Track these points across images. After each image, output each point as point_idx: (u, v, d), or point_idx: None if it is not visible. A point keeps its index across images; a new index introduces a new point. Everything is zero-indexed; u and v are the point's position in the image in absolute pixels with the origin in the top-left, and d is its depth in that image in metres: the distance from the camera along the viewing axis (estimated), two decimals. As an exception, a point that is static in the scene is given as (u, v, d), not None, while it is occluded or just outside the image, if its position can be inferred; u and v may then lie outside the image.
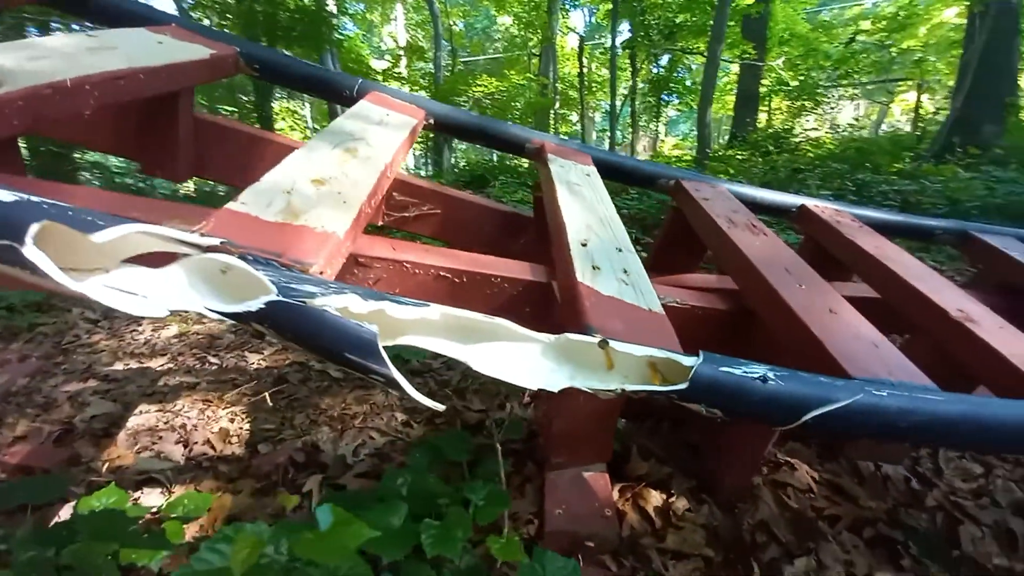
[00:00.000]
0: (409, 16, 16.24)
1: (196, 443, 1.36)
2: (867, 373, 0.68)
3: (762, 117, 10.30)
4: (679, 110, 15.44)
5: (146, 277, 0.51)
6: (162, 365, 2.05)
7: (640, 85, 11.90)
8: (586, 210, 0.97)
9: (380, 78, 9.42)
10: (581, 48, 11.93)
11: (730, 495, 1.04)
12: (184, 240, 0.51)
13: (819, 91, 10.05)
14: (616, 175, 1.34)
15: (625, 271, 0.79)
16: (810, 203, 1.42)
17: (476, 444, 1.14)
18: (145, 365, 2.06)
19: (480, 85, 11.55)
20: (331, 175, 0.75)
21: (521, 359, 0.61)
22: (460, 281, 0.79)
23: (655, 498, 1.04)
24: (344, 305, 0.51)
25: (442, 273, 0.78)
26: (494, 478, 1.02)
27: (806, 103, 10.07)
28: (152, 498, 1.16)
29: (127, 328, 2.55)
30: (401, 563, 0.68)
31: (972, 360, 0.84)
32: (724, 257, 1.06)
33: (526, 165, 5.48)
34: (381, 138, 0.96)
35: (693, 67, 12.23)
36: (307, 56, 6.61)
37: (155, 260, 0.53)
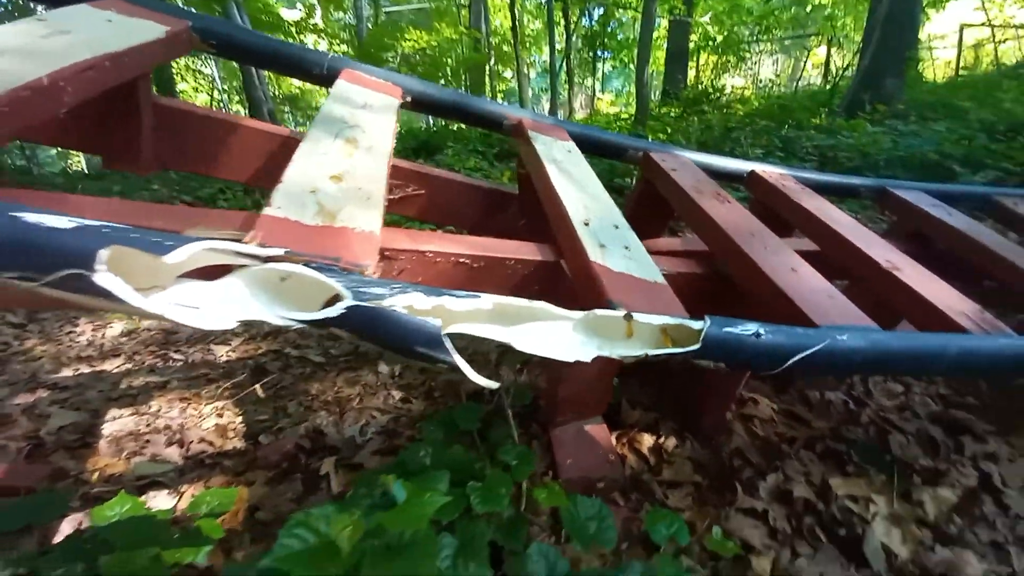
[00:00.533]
0: (326, -39, 14.71)
1: (191, 442, 1.34)
2: (828, 321, 0.82)
3: (691, 74, 10.63)
4: (613, 65, 15.49)
5: (205, 290, 0.52)
6: (118, 367, 1.92)
7: (575, 40, 11.76)
8: (579, 189, 1.03)
9: (294, 30, 8.59)
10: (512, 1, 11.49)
11: (709, 431, 1.21)
12: (251, 254, 0.52)
13: (743, 46, 10.49)
14: (589, 147, 1.40)
15: (626, 247, 0.88)
16: (758, 168, 1.57)
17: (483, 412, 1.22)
18: (98, 368, 1.93)
19: (408, 39, 10.83)
20: (344, 170, 0.76)
21: (556, 336, 0.68)
22: (477, 266, 0.84)
23: (647, 440, 1.18)
24: (410, 303, 0.55)
25: (461, 260, 0.82)
26: (507, 441, 1.11)
27: (731, 58, 10.51)
28: (160, 500, 1.14)
29: (60, 330, 2.34)
30: (456, 522, 0.75)
31: (900, 301, 1.02)
32: (697, 225, 1.17)
33: (477, 133, 5.37)
34: (373, 124, 0.96)
35: (624, 20, 12.24)
36: (207, 8, 5.88)
37: (207, 272, 0.54)
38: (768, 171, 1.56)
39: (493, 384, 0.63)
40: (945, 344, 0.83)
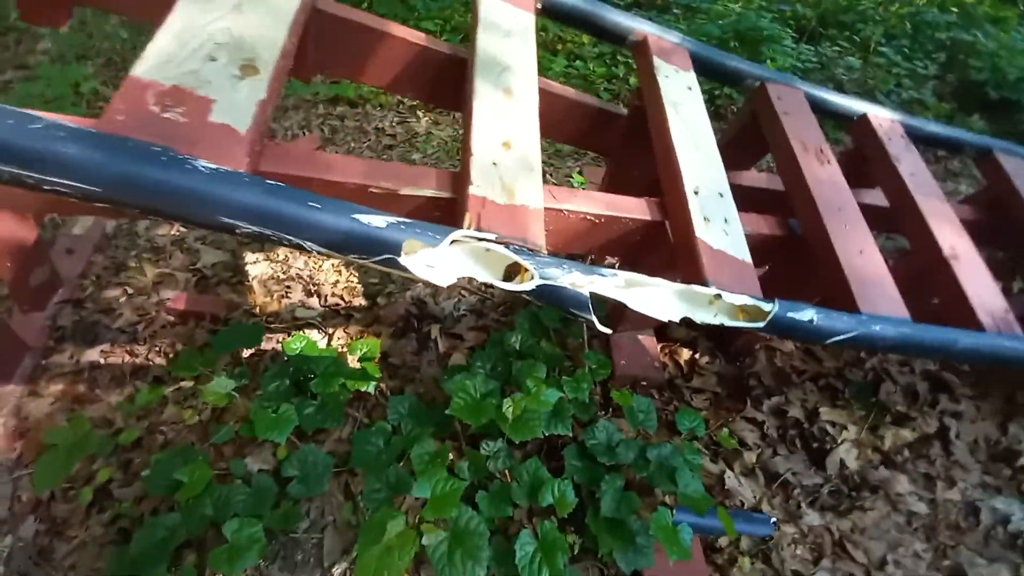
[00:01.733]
0: None
1: (327, 295, 1.70)
2: (871, 308, 1.02)
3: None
4: None
5: (438, 255, 0.75)
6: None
7: None
8: (694, 146, 1.13)
9: None
10: None
11: (737, 354, 1.50)
12: (478, 237, 0.74)
13: None
14: (707, 71, 1.41)
15: (726, 220, 1.04)
16: (871, 112, 1.54)
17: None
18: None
19: None
20: (510, 135, 0.90)
21: (658, 299, 0.91)
22: (598, 222, 1.03)
23: (685, 354, 1.49)
24: (573, 281, 0.78)
25: (588, 216, 1.01)
26: (578, 339, 1.43)
27: None
28: (314, 336, 1.55)
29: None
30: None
31: (942, 286, 1.19)
32: (791, 182, 1.28)
33: None
34: (520, 62, 1.04)
35: None
36: None
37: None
38: (879, 118, 1.54)
39: (609, 331, 0.89)
40: (955, 339, 1.04)
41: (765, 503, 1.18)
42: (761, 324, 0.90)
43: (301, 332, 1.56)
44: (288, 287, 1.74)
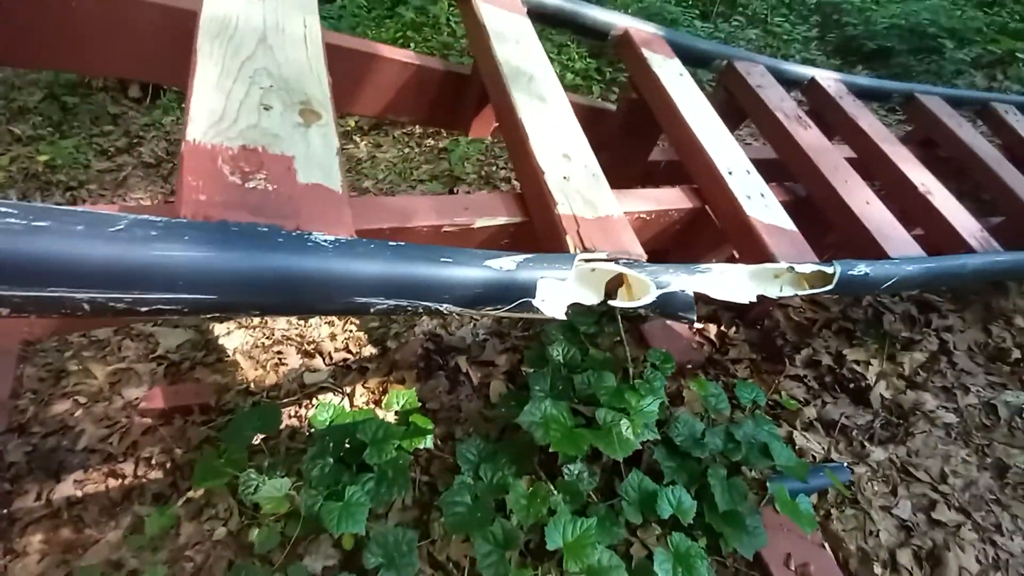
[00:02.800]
0: None
1: (329, 352, 1.53)
2: (896, 251, 1.10)
3: None
4: None
5: (549, 286, 0.69)
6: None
7: None
8: (710, 130, 1.14)
9: None
10: None
11: (755, 319, 1.57)
12: (591, 258, 0.68)
13: None
14: (680, 56, 1.44)
15: (762, 195, 1.06)
16: (819, 76, 1.67)
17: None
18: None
19: None
20: (566, 148, 0.85)
21: (733, 284, 0.91)
22: (649, 218, 1.00)
23: (712, 329, 1.53)
24: (680, 284, 0.75)
25: (640, 215, 0.98)
26: (615, 336, 1.40)
27: None
28: (331, 399, 1.38)
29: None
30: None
31: (927, 220, 1.32)
32: (785, 150, 1.34)
33: None
34: (538, 66, 0.99)
35: None
36: None
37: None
38: (826, 79, 1.67)
39: (695, 323, 0.87)
40: (964, 264, 1.15)
41: (833, 451, 1.24)
42: (830, 287, 0.93)
43: (315, 400, 1.39)
44: (280, 353, 1.54)
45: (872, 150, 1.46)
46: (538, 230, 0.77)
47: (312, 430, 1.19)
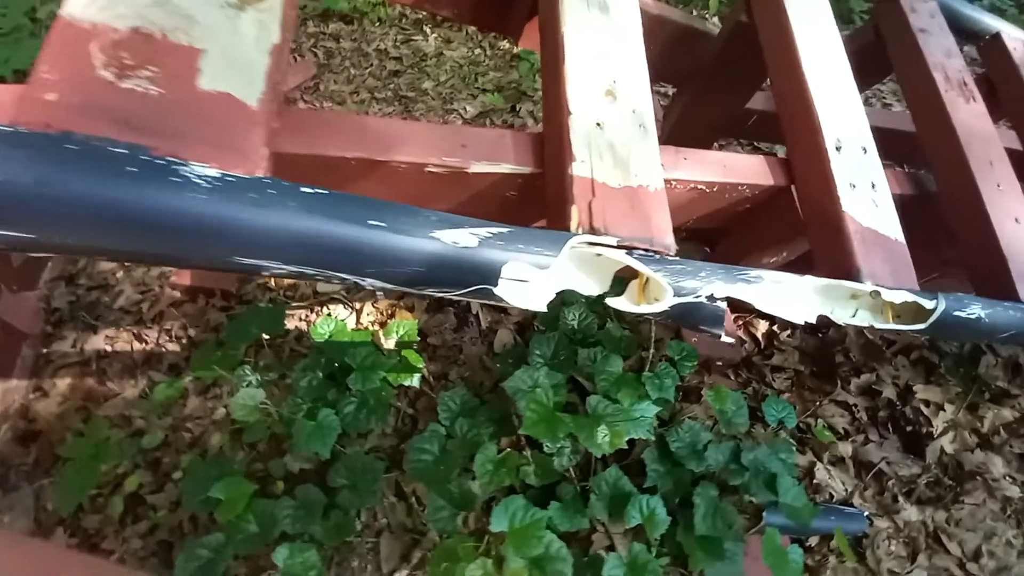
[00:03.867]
0: None
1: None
2: (1031, 293, 0.83)
3: None
4: None
5: (520, 271, 0.56)
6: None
7: None
8: (831, 82, 0.87)
9: None
10: None
11: (817, 325, 1.34)
12: (594, 242, 0.53)
13: None
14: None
15: (873, 185, 0.81)
16: (1006, 31, 1.23)
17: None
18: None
19: None
20: (613, 79, 0.66)
21: (791, 298, 0.72)
22: (710, 191, 0.80)
23: (762, 326, 1.33)
24: (712, 292, 0.59)
25: (698, 186, 0.78)
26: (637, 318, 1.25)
27: None
28: (340, 312, 1.38)
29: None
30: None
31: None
32: (929, 124, 1.02)
33: None
34: None
35: None
36: None
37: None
38: (1016, 39, 1.24)
39: (731, 340, 0.72)
40: None
41: (857, 496, 1.08)
42: (921, 326, 0.72)
43: (325, 309, 1.39)
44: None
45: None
46: (548, 189, 0.62)
47: (312, 341, 1.19)
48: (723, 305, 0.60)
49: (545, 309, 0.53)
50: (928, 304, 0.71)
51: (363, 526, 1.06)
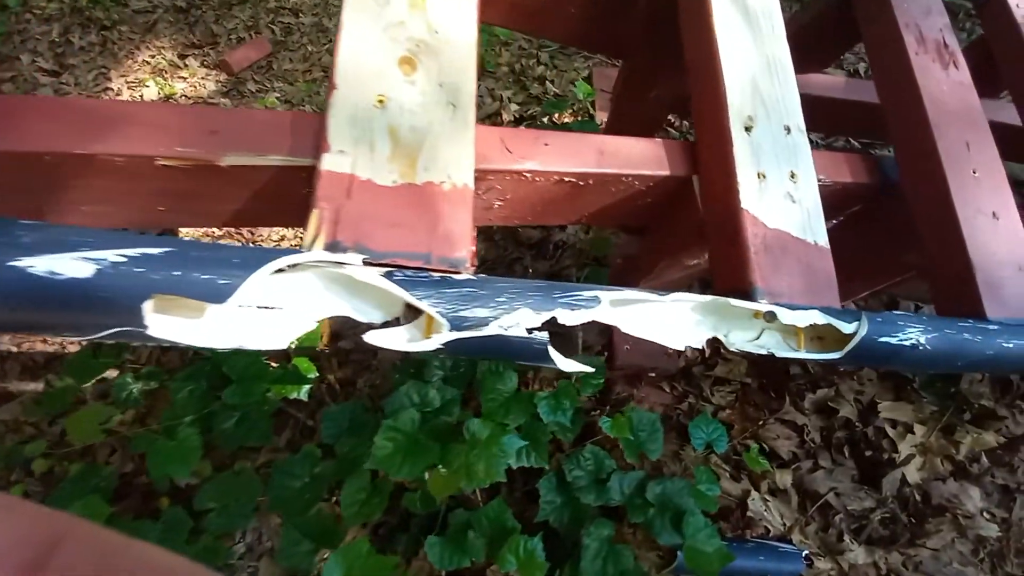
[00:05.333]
0: None
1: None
2: (1005, 311, 0.67)
3: None
4: None
5: (280, 287, 0.44)
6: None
7: None
8: (752, 40, 0.71)
9: None
10: None
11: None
12: (329, 260, 0.41)
13: None
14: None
15: (793, 175, 0.66)
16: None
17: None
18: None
19: None
20: (419, 40, 0.52)
21: (670, 320, 0.59)
22: (585, 184, 0.66)
23: (708, 332, 1.18)
24: (517, 322, 0.46)
25: (566, 179, 0.64)
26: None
27: None
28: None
29: (95, 84, 2.21)
30: (523, 425, 0.83)
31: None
32: (893, 95, 0.84)
33: None
34: None
35: None
36: None
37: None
38: (1019, -6, 1.03)
39: (589, 369, 0.59)
40: None
41: (797, 532, 0.95)
42: (836, 355, 0.57)
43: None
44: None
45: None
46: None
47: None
48: (542, 337, 0.47)
49: (283, 346, 0.41)
50: (845, 327, 0.56)
51: (247, 548, 0.99)
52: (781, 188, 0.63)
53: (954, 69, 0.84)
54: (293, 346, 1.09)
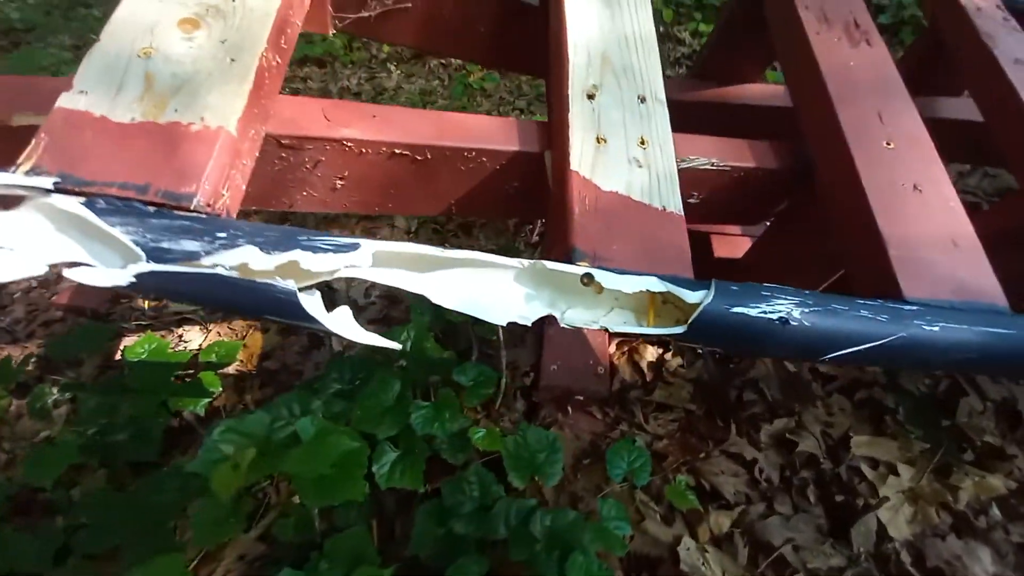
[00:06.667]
0: None
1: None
2: (928, 291, 0.55)
3: None
4: None
5: (7, 225, 0.41)
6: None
7: None
8: (607, 21, 0.68)
9: None
10: None
11: (654, 342, 1.04)
12: (12, 183, 0.39)
13: None
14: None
15: (642, 141, 0.60)
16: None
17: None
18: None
19: None
20: (210, 2, 0.53)
21: (490, 289, 0.52)
22: (423, 158, 0.63)
23: (651, 353, 1.06)
24: (243, 262, 0.41)
25: (397, 151, 0.61)
26: (490, 335, 1.04)
27: None
28: (191, 335, 1.29)
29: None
30: (400, 435, 0.74)
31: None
32: (794, 72, 0.79)
33: None
34: None
35: None
36: None
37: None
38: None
39: (396, 345, 0.52)
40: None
41: (741, 593, 0.76)
42: (680, 329, 0.48)
43: (180, 330, 1.31)
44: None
45: (1007, 106, 0.80)
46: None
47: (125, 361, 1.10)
48: (288, 285, 0.41)
49: (32, 273, 0.38)
50: (690, 296, 0.47)
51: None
52: (625, 153, 0.58)
53: (866, 46, 0.77)
54: (214, 358, 1.07)
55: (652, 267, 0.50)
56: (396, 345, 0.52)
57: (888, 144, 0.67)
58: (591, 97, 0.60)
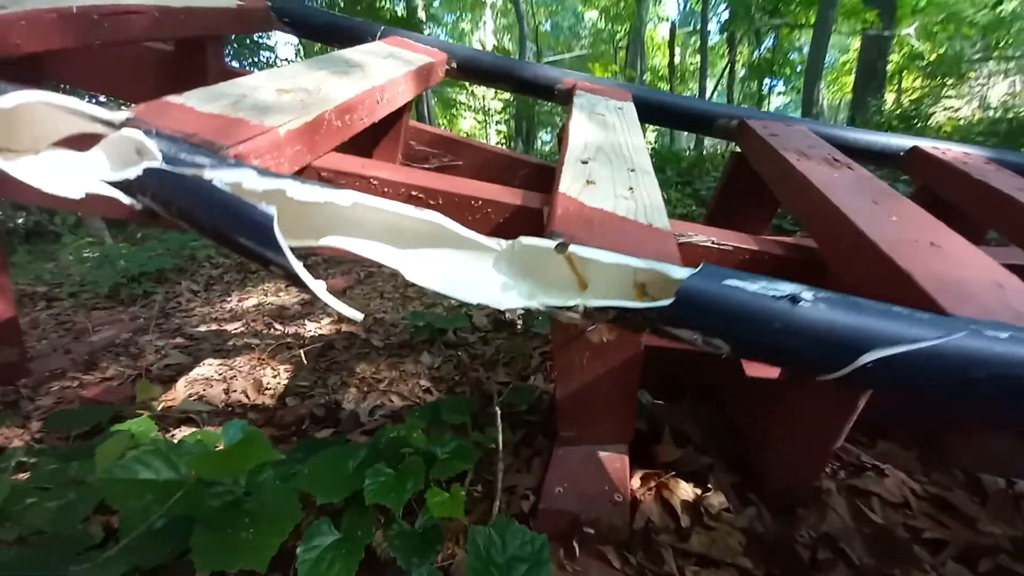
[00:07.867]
0: (498, 20, 16.67)
1: (235, 391, 1.43)
2: (975, 311, 0.46)
3: (889, 98, 8.84)
4: (786, 94, 13.98)
5: (70, 160, 0.48)
6: (236, 328, 2.23)
7: (740, 72, 10.96)
8: (601, 134, 0.82)
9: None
10: (673, 35, 11.26)
11: (784, 495, 0.82)
12: (92, 115, 0.48)
13: (964, 64, 8.39)
14: (663, 116, 1.16)
15: (631, 189, 0.64)
16: (926, 144, 1.11)
17: (487, 413, 1.04)
18: (223, 328, 2.27)
19: (563, 83, 11.47)
20: (302, 86, 0.70)
21: (467, 269, 0.50)
22: (435, 203, 0.70)
23: (685, 490, 0.85)
24: (237, 180, 0.44)
25: (414, 193, 0.69)
26: (490, 443, 0.91)
27: (947, 80, 8.44)
28: (185, 436, 1.22)
29: (219, 298, 2.85)
30: (345, 508, 0.59)
31: None
32: (789, 195, 0.85)
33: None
34: (381, 67, 0.91)
35: (804, 49, 10.97)
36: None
37: (85, 144, 0.51)
38: (942, 147, 1.09)
39: (358, 315, 0.49)
40: None
41: None
42: (665, 302, 0.42)
43: (172, 431, 1.25)
44: (211, 386, 1.51)
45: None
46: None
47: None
48: (268, 210, 0.44)
49: (72, 195, 0.44)
50: (676, 272, 0.45)
51: None
52: (612, 191, 0.62)
53: (847, 170, 0.85)
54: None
55: (627, 251, 0.48)
56: (358, 315, 0.49)
57: (892, 218, 0.67)
58: (584, 162, 0.69)
